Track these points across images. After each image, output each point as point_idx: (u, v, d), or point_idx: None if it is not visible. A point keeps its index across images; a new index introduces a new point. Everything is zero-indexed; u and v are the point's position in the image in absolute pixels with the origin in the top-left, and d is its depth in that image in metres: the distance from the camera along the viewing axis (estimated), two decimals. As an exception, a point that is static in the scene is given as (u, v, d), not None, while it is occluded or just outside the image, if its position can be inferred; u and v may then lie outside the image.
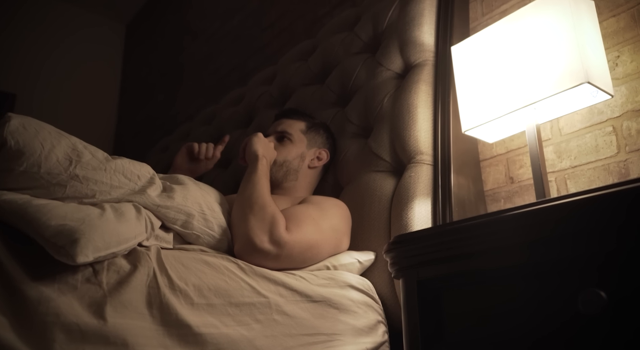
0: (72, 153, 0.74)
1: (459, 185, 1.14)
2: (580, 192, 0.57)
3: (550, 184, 1.09)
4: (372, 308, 1.00)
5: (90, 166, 0.76)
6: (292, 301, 0.86)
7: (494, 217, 0.66)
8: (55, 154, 0.72)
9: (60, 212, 0.65)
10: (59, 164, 0.72)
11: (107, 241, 0.66)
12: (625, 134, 1.00)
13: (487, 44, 1.02)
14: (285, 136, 1.31)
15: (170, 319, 0.70)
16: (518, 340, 0.60)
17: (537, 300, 0.59)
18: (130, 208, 0.75)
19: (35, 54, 3.22)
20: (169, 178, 0.94)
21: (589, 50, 0.89)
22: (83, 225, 0.64)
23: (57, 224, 0.63)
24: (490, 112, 0.99)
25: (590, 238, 0.55)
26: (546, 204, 0.61)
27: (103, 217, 0.68)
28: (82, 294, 0.63)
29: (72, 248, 0.61)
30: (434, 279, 0.72)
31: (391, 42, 1.37)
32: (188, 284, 0.74)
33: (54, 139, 0.73)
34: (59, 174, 0.71)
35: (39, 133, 0.72)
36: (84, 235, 0.63)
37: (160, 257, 0.74)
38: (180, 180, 0.94)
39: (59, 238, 0.62)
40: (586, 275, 0.55)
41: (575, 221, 0.56)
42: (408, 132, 1.19)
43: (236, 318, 0.77)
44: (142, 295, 0.68)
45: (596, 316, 0.53)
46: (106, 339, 0.62)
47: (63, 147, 0.74)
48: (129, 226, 0.71)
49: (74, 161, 0.74)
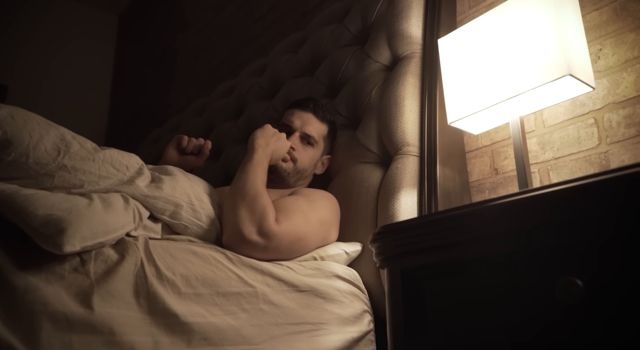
0: (60, 143, 0.75)
1: (444, 176, 1.15)
2: (561, 182, 0.58)
3: (534, 175, 1.11)
4: (358, 298, 1.02)
5: (78, 156, 0.76)
6: (279, 291, 0.87)
7: (476, 207, 0.67)
8: (44, 144, 0.72)
9: (48, 201, 0.66)
10: (47, 154, 0.72)
11: (94, 231, 0.66)
12: (606, 126, 1.02)
13: (473, 37, 1.04)
14: (310, 141, 1.28)
15: (157, 308, 0.71)
16: (500, 328, 0.61)
17: (518, 289, 0.60)
18: (118, 198, 0.76)
19: (27, 45, 3.20)
20: (158, 169, 0.95)
21: (571, 43, 0.91)
22: (70, 215, 0.64)
23: (44, 213, 0.63)
24: (475, 104, 1.00)
25: (572, 228, 0.56)
26: (527, 194, 0.62)
27: (91, 207, 0.68)
28: (70, 284, 0.64)
29: (59, 237, 0.61)
30: (417, 268, 0.73)
31: (379, 34, 1.37)
32: (175, 273, 0.75)
33: (42, 129, 0.73)
34: (47, 164, 0.72)
35: (27, 123, 0.72)
36: (71, 225, 0.63)
37: (148, 247, 0.75)
38: (169, 171, 0.94)
39: (46, 227, 0.62)
40: (566, 265, 0.56)
41: (557, 211, 0.57)
42: (395, 123, 1.20)
43: (223, 307, 0.78)
44: (129, 284, 0.69)
45: (574, 304, 0.55)
46: (93, 327, 0.63)
47: (51, 137, 0.74)
48: (117, 216, 0.72)
49: (62, 151, 0.74)
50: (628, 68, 1.00)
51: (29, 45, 3.20)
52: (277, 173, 1.22)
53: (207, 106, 2.13)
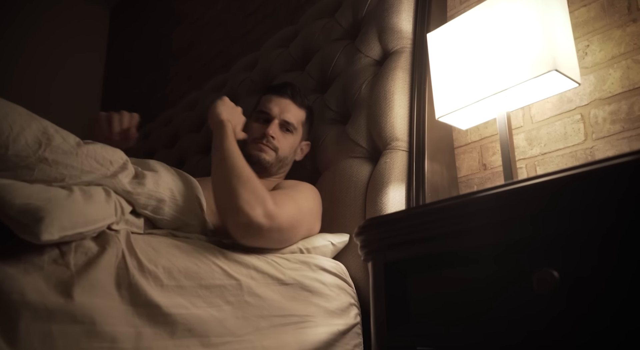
0: (42, 136, 0.73)
1: (432, 171, 1.16)
2: (545, 174, 0.58)
3: (521, 171, 1.11)
4: (344, 291, 1.02)
5: (60, 150, 0.75)
6: (264, 284, 0.87)
7: (458, 199, 0.67)
8: (25, 136, 0.71)
9: (26, 191, 0.65)
10: (27, 146, 0.71)
11: (73, 221, 0.66)
12: (592, 122, 1.02)
13: (461, 31, 1.04)
14: (289, 129, 1.26)
15: (139, 299, 0.71)
16: (481, 320, 0.61)
17: (502, 281, 0.61)
18: (99, 191, 0.75)
19: (16, 37, 3.17)
20: (141, 163, 0.94)
21: (557, 39, 0.91)
22: (49, 204, 0.64)
23: (22, 202, 0.62)
24: (463, 99, 1.00)
25: (558, 219, 0.56)
26: (511, 186, 0.62)
27: (70, 198, 0.68)
28: (49, 274, 0.63)
29: (37, 226, 0.61)
30: (401, 261, 0.73)
31: (370, 28, 1.37)
32: (158, 266, 0.75)
33: (24, 121, 0.72)
34: (27, 156, 0.71)
35: (8, 114, 0.71)
36: (50, 214, 0.63)
37: (129, 240, 0.74)
38: (152, 167, 0.93)
39: (23, 216, 0.61)
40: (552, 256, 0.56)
41: (542, 203, 0.57)
42: (384, 118, 1.20)
43: (207, 299, 0.78)
44: (110, 275, 0.69)
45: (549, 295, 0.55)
46: (73, 317, 0.63)
47: (33, 129, 0.73)
48: (98, 208, 0.71)
49: (43, 144, 0.73)
50: (614, 64, 1.01)
51: (19, 37, 3.17)
52: (260, 164, 1.20)
53: (199, 100, 2.12)
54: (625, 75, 0.99)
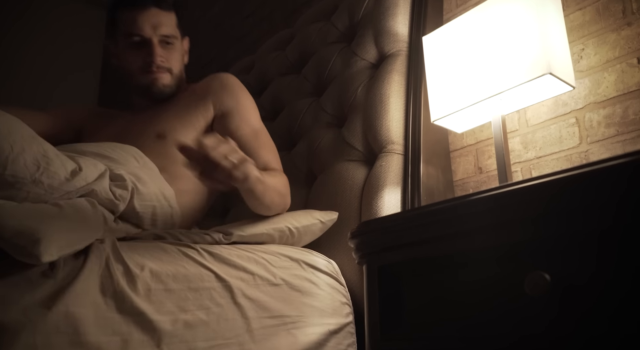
0: (41, 159, 0.72)
1: (428, 174, 1.15)
2: (539, 176, 0.58)
3: (516, 174, 1.11)
4: (336, 289, 1.01)
5: (57, 176, 0.73)
6: (253, 285, 0.87)
7: (453, 202, 0.67)
8: (24, 158, 0.69)
9: (19, 211, 0.64)
10: (25, 168, 0.69)
11: (69, 239, 0.65)
12: (587, 126, 1.02)
13: (457, 35, 1.04)
14: (170, 41, 1.13)
15: (125, 306, 0.70)
16: (474, 322, 0.61)
17: (492, 284, 0.60)
18: (84, 204, 0.74)
19: (13, 38, 3.16)
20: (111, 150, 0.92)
21: (552, 42, 0.91)
22: (43, 224, 0.63)
23: (16, 223, 0.61)
24: (458, 102, 1.00)
25: (553, 221, 0.55)
26: (506, 188, 0.62)
27: (62, 214, 0.67)
28: (37, 287, 0.62)
29: (35, 248, 0.60)
30: (395, 264, 0.73)
31: (366, 32, 1.37)
32: (144, 269, 0.74)
33: (25, 142, 0.71)
34: (23, 177, 0.69)
35: (11, 134, 0.69)
36: (46, 235, 0.61)
37: (115, 246, 0.74)
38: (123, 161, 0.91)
39: (19, 238, 0.60)
40: (541, 258, 0.56)
41: (537, 205, 0.57)
42: (380, 121, 1.20)
43: (195, 302, 0.78)
44: (95, 284, 0.68)
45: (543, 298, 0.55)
46: (56, 328, 0.62)
47: (33, 151, 0.71)
48: (89, 223, 0.70)
49: (41, 167, 0.71)
50: (609, 68, 1.01)
51: (15, 37, 3.17)
52: (161, 92, 1.15)
53: (195, 103, 2.11)
54: (619, 79, 0.99)
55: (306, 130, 1.43)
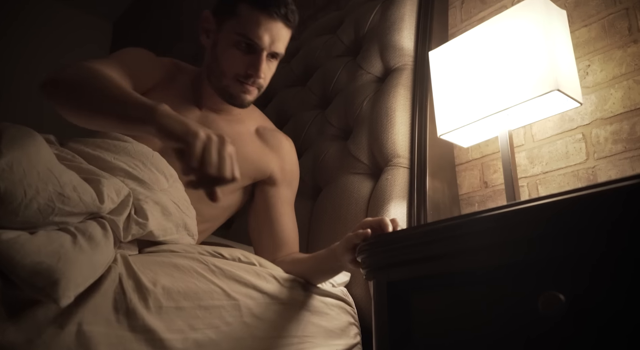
0: (57, 199, 0.66)
1: (434, 188, 1.15)
2: (548, 195, 0.58)
3: (522, 189, 1.11)
4: (344, 310, 1.01)
5: (72, 215, 0.69)
6: (263, 303, 0.86)
7: (461, 219, 0.67)
8: (37, 201, 0.64)
9: (33, 246, 0.61)
10: (39, 212, 0.65)
11: (85, 275, 0.64)
12: (594, 141, 1.02)
13: (464, 50, 1.04)
14: (275, 57, 1.05)
15: (137, 324, 0.69)
16: (484, 341, 0.61)
17: (504, 303, 0.60)
18: (96, 229, 0.70)
19: (19, 51, 3.18)
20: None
21: (559, 59, 0.92)
22: (60, 262, 0.61)
23: (32, 262, 0.59)
24: (465, 117, 1.01)
25: (560, 241, 0.55)
26: (514, 207, 0.62)
27: (77, 248, 0.64)
28: (48, 304, 0.62)
29: (53, 291, 0.59)
30: (403, 280, 0.73)
31: (372, 46, 1.38)
32: (157, 285, 0.74)
33: (40, 181, 0.65)
34: (36, 221, 0.65)
35: (26, 176, 0.63)
36: (64, 275, 0.60)
37: (128, 262, 0.73)
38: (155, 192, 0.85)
39: (37, 279, 0.59)
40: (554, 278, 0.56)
41: (545, 224, 0.57)
42: (386, 135, 1.20)
43: (205, 321, 0.77)
44: (108, 301, 0.67)
45: (555, 317, 0.55)
46: (68, 347, 0.61)
47: (49, 192, 0.65)
48: (102, 251, 0.68)
49: (56, 209, 0.66)
50: (615, 85, 1.01)
51: (21, 50, 3.18)
52: (240, 106, 1.05)
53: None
54: (626, 96, 0.99)
55: (311, 143, 1.44)
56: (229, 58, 1.01)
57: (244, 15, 0.99)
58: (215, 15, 1.05)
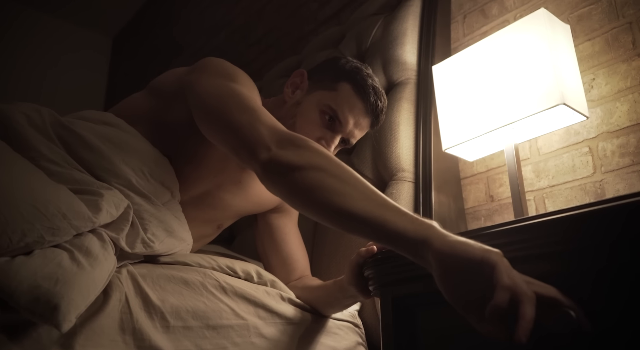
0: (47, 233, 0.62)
1: (439, 202, 1.14)
2: (556, 211, 0.57)
3: (529, 203, 1.10)
4: (352, 330, 0.99)
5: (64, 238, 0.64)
6: (271, 323, 0.84)
7: (469, 235, 0.66)
8: (26, 242, 0.60)
9: (29, 269, 0.58)
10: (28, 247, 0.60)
11: (85, 294, 0.61)
12: (600, 155, 1.01)
13: (467, 64, 1.04)
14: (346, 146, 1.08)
15: (143, 344, 0.68)
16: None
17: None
18: (93, 241, 0.67)
19: (19, 67, 3.20)
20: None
21: (564, 73, 0.92)
22: (58, 285, 0.58)
23: (29, 286, 0.56)
24: (470, 131, 1.00)
25: (567, 257, 0.55)
26: (523, 223, 0.61)
27: (74, 265, 0.61)
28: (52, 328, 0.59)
29: (54, 316, 0.56)
30: (409, 296, 0.72)
31: (374, 60, 1.38)
32: (165, 303, 0.72)
33: (25, 223, 0.60)
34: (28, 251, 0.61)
35: (8, 224, 0.59)
36: (63, 299, 0.57)
37: (136, 279, 0.71)
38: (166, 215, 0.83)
39: (36, 306, 0.56)
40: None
41: (554, 240, 0.56)
42: (390, 149, 1.19)
43: (213, 341, 0.75)
44: (114, 321, 0.66)
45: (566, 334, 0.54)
46: None
47: (37, 230, 0.61)
48: (101, 266, 0.65)
49: (46, 242, 0.62)
50: (621, 98, 1.01)
51: (21, 66, 3.20)
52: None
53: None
54: (632, 109, 0.99)
55: (314, 157, 1.43)
56: (308, 121, 1.01)
57: (342, 93, 1.01)
58: (311, 78, 1.07)
